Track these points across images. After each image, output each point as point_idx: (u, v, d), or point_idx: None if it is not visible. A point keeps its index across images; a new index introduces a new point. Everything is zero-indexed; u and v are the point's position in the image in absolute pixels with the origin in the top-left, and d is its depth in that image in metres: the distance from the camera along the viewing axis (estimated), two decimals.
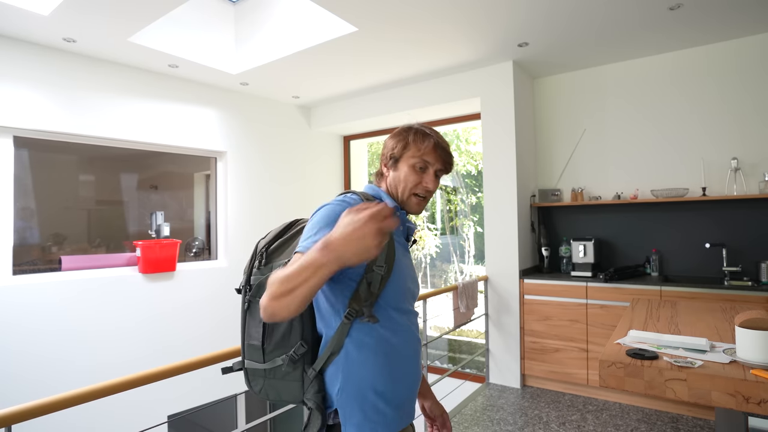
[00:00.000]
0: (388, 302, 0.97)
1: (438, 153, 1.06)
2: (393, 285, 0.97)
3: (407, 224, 1.10)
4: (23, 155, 3.21)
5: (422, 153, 1.04)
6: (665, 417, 2.93)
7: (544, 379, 3.52)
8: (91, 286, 3.31)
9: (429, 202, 1.10)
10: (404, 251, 1.05)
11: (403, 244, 1.06)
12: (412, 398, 1.01)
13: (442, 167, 1.07)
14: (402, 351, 0.98)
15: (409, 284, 1.04)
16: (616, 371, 1.35)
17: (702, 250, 3.32)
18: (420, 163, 1.04)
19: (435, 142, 1.06)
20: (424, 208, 1.09)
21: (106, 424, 3.19)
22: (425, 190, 1.05)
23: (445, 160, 1.07)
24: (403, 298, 1.01)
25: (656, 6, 2.73)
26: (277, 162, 4.66)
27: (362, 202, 0.90)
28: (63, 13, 2.68)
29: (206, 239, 4.35)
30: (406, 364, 0.99)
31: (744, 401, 1.16)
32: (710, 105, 3.33)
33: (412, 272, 1.07)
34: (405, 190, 1.05)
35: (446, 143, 1.09)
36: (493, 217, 3.72)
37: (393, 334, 0.97)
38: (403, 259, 1.03)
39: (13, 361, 2.91)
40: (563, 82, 3.95)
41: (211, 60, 3.60)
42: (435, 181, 1.06)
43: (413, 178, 1.04)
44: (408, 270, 1.05)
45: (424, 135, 1.07)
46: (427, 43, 3.24)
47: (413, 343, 1.02)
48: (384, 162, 1.10)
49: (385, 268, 0.95)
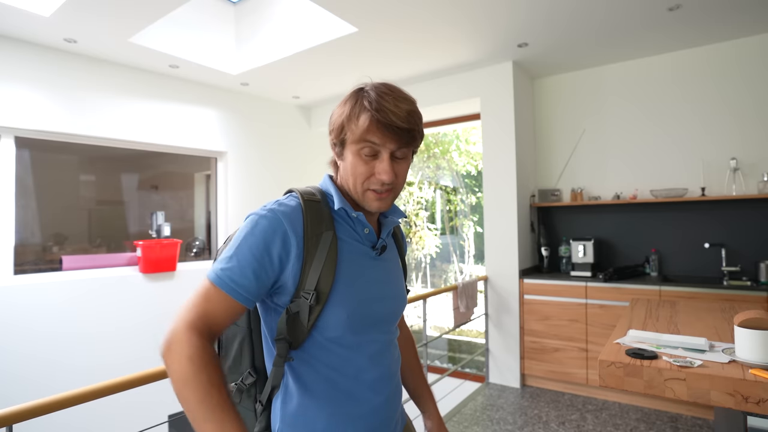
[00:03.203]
0: (327, 335, 0.77)
1: (382, 131, 0.76)
2: (334, 313, 0.76)
3: (389, 223, 0.88)
4: (24, 155, 3.21)
5: (362, 134, 0.77)
6: (664, 416, 2.93)
7: (544, 379, 3.52)
8: (92, 285, 3.32)
9: (398, 190, 0.83)
10: (372, 261, 0.84)
11: (367, 254, 0.84)
12: (378, 429, 0.83)
13: (398, 145, 0.78)
14: (355, 394, 0.79)
15: (376, 306, 0.82)
16: (616, 371, 1.36)
17: (701, 250, 3.33)
18: (365, 148, 0.78)
19: (372, 116, 0.76)
20: (392, 200, 0.84)
21: (106, 424, 3.19)
22: (379, 183, 0.79)
23: (396, 137, 0.77)
24: (356, 326, 0.79)
25: (656, 6, 2.73)
26: (277, 162, 4.66)
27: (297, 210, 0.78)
28: (64, 14, 2.69)
29: (207, 239, 4.36)
30: (361, 409, 0.80)
31: (743, 401, 1.17)
32: (710, 105, 3.33)
33: (385, 287, 0.85)
34: (356, 185, 0.81)
35: (399, 111, 0.77)
36: (492, 217, 3.72)
37: (339, 373, 0.78)
38: (369, 273, 0.83)
39: (14, 360, 2.92)
40: (563, 82, 3.96)
41: (211, 60, 3.60)
42: (392, 167, 0.79)
43: (362, 169, 0.79)
44: (376, 286, 0.83)
45: (359, 106, 0.78)
46: (427, 43, 3.24)
47: (375, 381, 0.81)
48: (332, 147, 0.85)
49: (313, 296, 0.75)
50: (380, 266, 0.86)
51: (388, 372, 0.85)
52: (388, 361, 0.85)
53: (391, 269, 0.90)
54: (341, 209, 0.83)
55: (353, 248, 0.82)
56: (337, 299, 0.77)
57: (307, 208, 0.79)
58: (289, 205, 0.79)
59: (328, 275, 0.76)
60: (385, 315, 0.85)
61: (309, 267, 0.76)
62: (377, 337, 0.83)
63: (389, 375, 0.85)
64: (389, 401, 0.85)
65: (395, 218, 0.90)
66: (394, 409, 0.87)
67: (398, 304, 0.89)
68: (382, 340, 0.85)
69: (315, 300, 0.75)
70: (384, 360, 0.84)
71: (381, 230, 0.90)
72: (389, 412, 0.85)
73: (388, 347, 0.86)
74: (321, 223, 0.79)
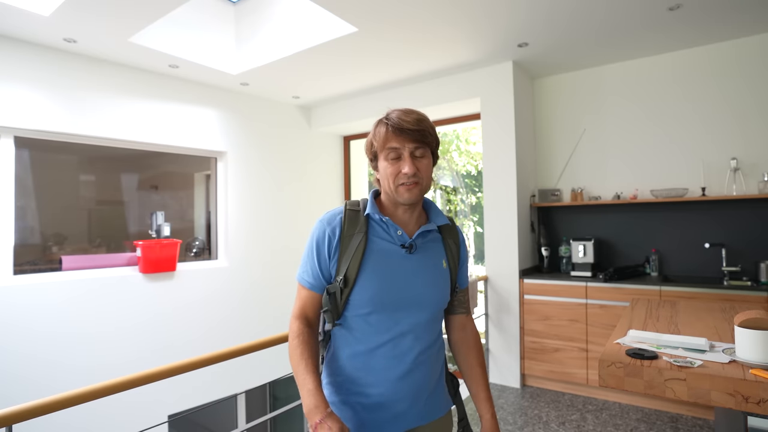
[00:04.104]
0: (356, 312, 1.01)
1: (398, 135, 1.00)
2: (359, 294, 0.99)
3: (425, 227, 1.07)
4: (24, 155, 3.21)
5: (384, 142, 1.01)
6: (665, 417, 2.93)
7: (544, 379, 3.52)
8: (92, 286, 3.31)
9: (424, 183, 1.04)
10: (402, 257, 1.04)
11: (397, 252, 1.04)
12: (393, 403, 1.01)
13: (415, 144, 1.01)
14: (371, 359, 1.01)
15: (400, 292, 1.01)
16: (616, 371, 1.36)
17: (701, 250, 3.33)
18: (390, 153, 1.01)
19: (388, 125, 1.01)
20: (421, 192, 1.04)
21: (106, 424, 3.19)
22: (405, 177, 1.00)
23: (411, 137, 1.00)
24: (379, 307, 1.00)
25: (656, 6, 2.73)
26: (277, 162, 4.66)
27: (338, 217, 1.05)
28: (64, 14, 2.69)
29: (206, 239, 4.36)
30: (377, 372, 1.01)
31: (743, 401, 1.17)
32: (710, 105, 3.33)
33: (412, 278, 1.03)
34: (390, 184, 1.03)
35: (408, 118, 1.01)
36: (492, 217, 3.72)
37: (358, 341, 1.02)
38: (396, 266, 1.02)
39: (14, 360, 2.91)
40: (563, 82, 3.96)
41: (211, 60, 3.60)
42: (414, 162, 1.01)
43: (391, 170, 1.01)
44: (403, 277, 1.02)
45: (379, 123, 1.04)
46: (427, 43, 3.24)
47: (388, 351, 1.01)
48: (370, 164, 1.10)
49: (342, 281, 1.00)
50: (411, 262, 1.04)
51: (410, 353, 1.02)
52: (410, 343, 1.02)
53: (424, 265, 1.06)
54: (376, 215, 1.05)
55: (382, 246, 1.04)
56: (362, 284, 0.99)
57: (347, 215, 1.05)
58: (333, 213, 1.07)
59: (355, 265, 1.00)
60: (410, 301, 1.02)
61: (342, 259, 1.01)
62: (402, 319, 1.02)
63: (411, 356, 1.02)
64: (405, 380, 1.01)
65: (437, 222, 1.10)
66: (412, 388, 1.02)
67: (425, 293, 1.04)
68: (407, 322, 1.02)
69: (343, 284, 1.00)
70: (405, 341, 1.02)
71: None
72: (406, 391, 1.02)
73: (414, 331, 1.03)
74: (356, 226, 1.04)
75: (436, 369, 1.10)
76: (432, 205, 1.15)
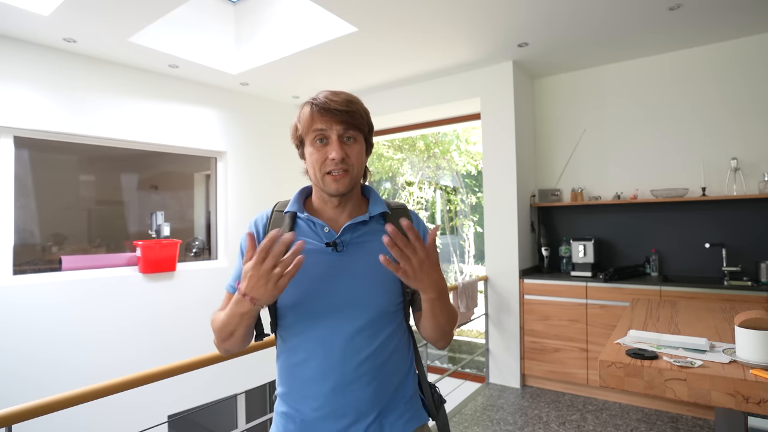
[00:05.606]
0: (282, 320, 0.93)
1: (324, 116, 0.86)
2: (283, 303, 0.90)
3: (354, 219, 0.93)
4: (24, 155, 3.21)
5: (310, 124, 0.88)
6: (665, 417, 2.93)
7: (544, 379, 3.52)
8: (92, 286, 3.31)
9: (355, 172, 0.91)
10: (327, 257, 0.90)
11: (322, 251, 0.91)
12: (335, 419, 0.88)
13: (343, 126, 0.87)
14: (303, 371, 0.90)
15: (322, 298, 0.89)
16: (616, 371, 1.36)
17: (702, 250, 3.32)
18: (315, 135, 0.88)
19: (313, 105, 0.88)
20: (351, 182, 0.90)
21: (106, 424, 3.19)
22: (333, 163, 0.87)
23: (339, 118, 0.86)
24: (302, 315, 0.89)
25: (656, 6, 2.73)
26: (277, 162, 4.66)
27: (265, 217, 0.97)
28: (63, 14, 2.68)
29: (206, 239, 4.36)
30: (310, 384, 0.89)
31: (743, 401, 1.16)
32: (710, 105, 3.33)
33: (336, 281, 0.89)
34: (316, 173, 0.90)
35: (337, 98, 0.88)
36: (492, 217, 3.72)
37: (291, 351, 0.92)
38: (317, 269, 0.89)
39: (13, 361, 2.91)
40: (563, 82, 3.95)
41: (211, 60, 3.60)
42: (343, 147, 0.87)
43: (317, 155, 0.89)
44: (325, 280, 0.89)
45: (304, 105, 0.91)
46: (426, 43, 3.24)
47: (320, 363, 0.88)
48: (298, 152, 0.97)
49: None
50: (341, 261, 0.91)
51: (346, 363, 0.87)
52: (345, 352, 0.87)
53: (358, 263, 0.91)
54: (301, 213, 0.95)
55: (306, 247, 0.89)
56: (285, 291, 0.81)
57: (273, 216, 0.97)
58: (262, 214, 0.99)
59: None
60: (339, 305, 0.88)
61: None
62: (331, 326, 0.88)
63: (349, 366, 0.87)
64: (342, 393, 0.87)
65: (374, 211, 0.95)
66: (352, 402, 0.87)
67: (360, 295, 0.89)
68: (338, 329, 0.88)
69: None
70: (336, 351, 0.87)
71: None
72: (346, 407, 0.87)
73: (349, 339, 0.88)
74: (280, 226, 0.94)
75: (392, 381, 0.92)
76: (372, 193, 1.01)
